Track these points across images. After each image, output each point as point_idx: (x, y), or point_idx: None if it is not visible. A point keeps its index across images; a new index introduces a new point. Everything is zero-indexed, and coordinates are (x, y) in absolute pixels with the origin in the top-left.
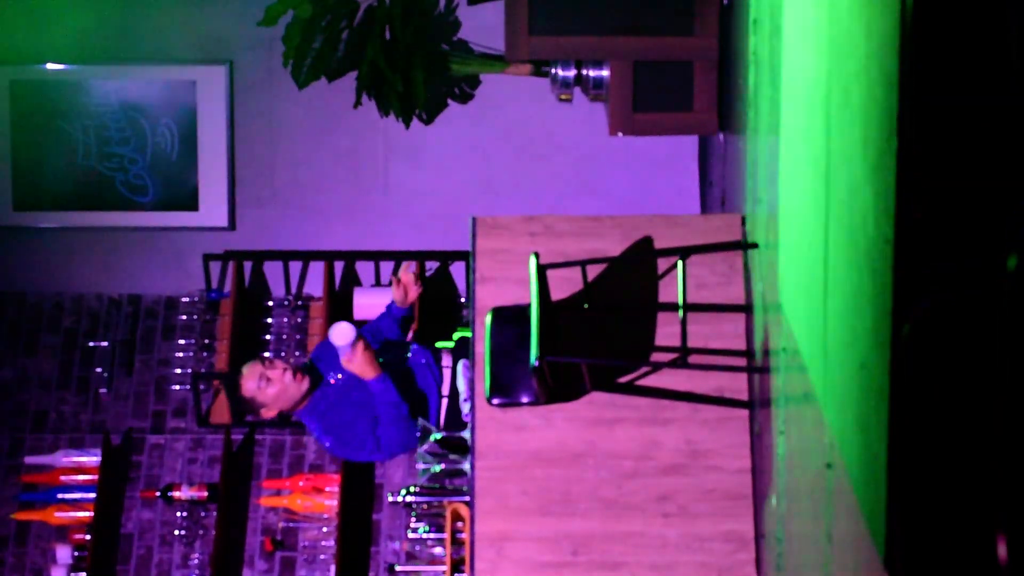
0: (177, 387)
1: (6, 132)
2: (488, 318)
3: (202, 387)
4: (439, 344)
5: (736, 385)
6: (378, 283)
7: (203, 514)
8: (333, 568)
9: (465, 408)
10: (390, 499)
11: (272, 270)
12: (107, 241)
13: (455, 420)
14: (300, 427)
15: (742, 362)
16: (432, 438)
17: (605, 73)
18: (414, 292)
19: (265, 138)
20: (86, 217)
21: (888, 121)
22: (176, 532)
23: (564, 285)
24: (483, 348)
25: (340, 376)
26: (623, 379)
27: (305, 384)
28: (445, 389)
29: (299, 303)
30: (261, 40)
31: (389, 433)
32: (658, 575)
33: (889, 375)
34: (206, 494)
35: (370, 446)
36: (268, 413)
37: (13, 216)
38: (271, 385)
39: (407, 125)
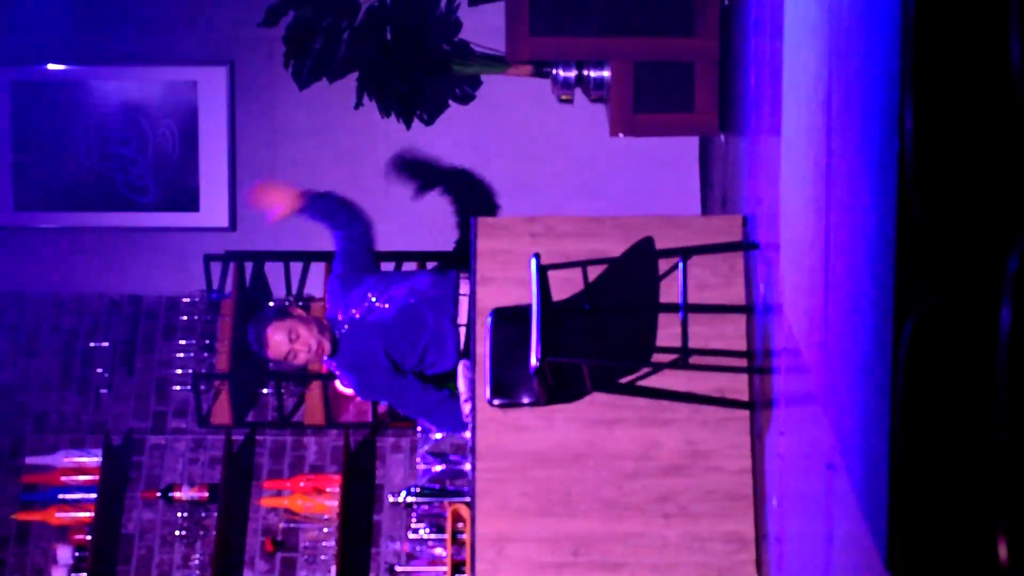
0: (178, 388)
1: (7, 132)
2: (489, 319)
3: (203, 388)
4: None
5: (737, 386)
6: None
7: (204, 514)
8: (334, 569)
9: (466, 409)
10: (391, 500)
11: (273, 271)
12: (108, 241)
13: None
14: (301, 428)
15: (743, 363)
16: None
17: (606, 74)
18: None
19: (266, 139)
20: (87, 217)
21: (889, 121)
22: (177, 532)
23: (565, 286)
24: (484, 349)
25: (356, 314)
26: (624, 380)
27: (327, 344)
28: (461, 318)
29: (300, 304)
30: (262, 41)
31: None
32: None
33: (891, 375)
34: (207, 494)
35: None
36: (296, 361)
37: (14, 216)
38: (302, 343)
39: (408, 126)
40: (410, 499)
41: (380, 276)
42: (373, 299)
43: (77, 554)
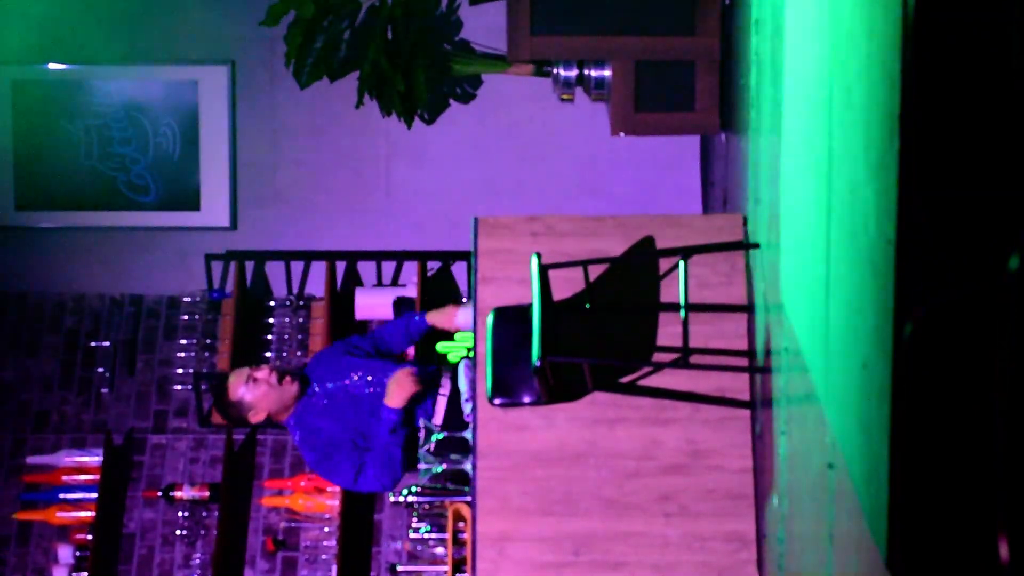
0: (179, 387)
1: (8, 132)
2: (490, 318)
3: (204, 387)
4: (442, 349)
5: (738, 385)
6: (380, 283)
7: (205, 514)
8: (335, 568)
9: (467, 408)
10: (391, 499)
11: (274, 270)
12: (109, 241)
13: (456, 421)
14: None
15: (744, 362)
16: (434, 437)
17: (607, 73)
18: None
19: (267, 138)
20: (88, 217)
21: (890, 121)
22: (178, 532)
23: (566, 285)
24: (485, 348)
25: (330, 386)
26: (625, 379)
27: (294, 388)
28: (437, 419)
29: (301, 303)
30: (263, 40)
31: (371, 470)
32: (659, 575)
33: (891, 375)
34: (208, 494)
35: (346, 473)
36: (256, 417)
37: (15, 216)
38: (258, 386)
39: (409, 125)
40: (411, 498)
41: (363, 358)
42: (355, 377)
43: (78, 553)
